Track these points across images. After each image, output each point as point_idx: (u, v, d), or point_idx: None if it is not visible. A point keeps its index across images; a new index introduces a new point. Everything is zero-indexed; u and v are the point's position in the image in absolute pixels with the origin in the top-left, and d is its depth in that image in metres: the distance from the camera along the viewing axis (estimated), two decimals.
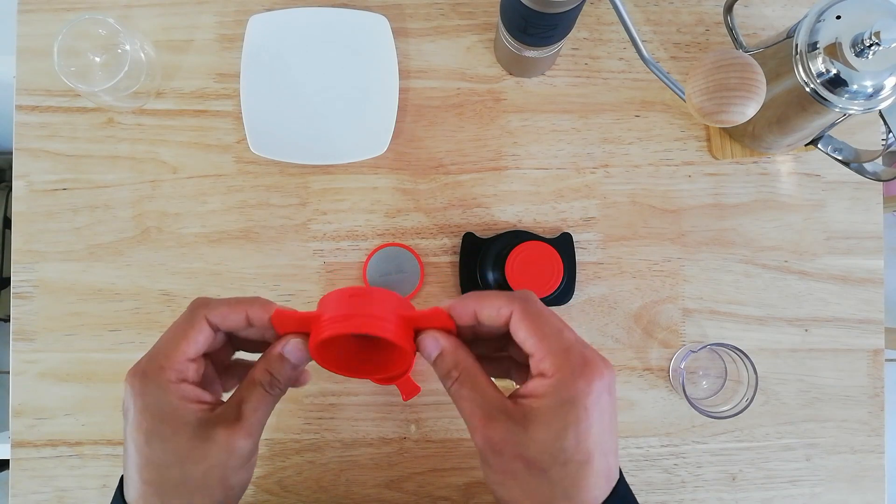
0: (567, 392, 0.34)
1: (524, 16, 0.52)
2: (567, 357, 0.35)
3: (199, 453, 0.36)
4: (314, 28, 0.65)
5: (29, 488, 0.65)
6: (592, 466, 0.34)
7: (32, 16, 0.67)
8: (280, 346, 0.39)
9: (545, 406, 0.34)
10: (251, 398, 0.39)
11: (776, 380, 0.67)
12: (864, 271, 0.67)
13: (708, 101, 0.47)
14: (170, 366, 0.37)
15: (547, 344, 0.35)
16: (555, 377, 0.34)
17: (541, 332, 0.36)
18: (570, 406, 0.34)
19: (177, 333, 0.38)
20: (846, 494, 0.66)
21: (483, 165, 0.67)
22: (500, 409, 0.36)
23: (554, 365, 0.35)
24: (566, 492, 0.34)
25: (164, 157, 0.66)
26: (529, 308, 0.36)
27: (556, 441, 0.34)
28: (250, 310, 0.39)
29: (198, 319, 0.38)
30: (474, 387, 0.37)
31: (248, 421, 0.38)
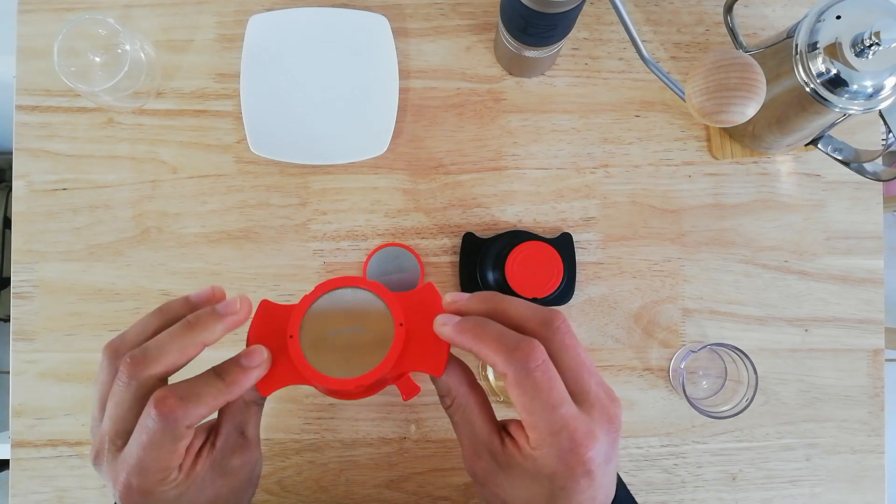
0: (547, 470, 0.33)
1: (524, 16, 0.52)
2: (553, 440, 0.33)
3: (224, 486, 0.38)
4: (314, 28, 0.65)
5: (29, 488, 0.65)
6: None
7: (32, 16, 0.67)
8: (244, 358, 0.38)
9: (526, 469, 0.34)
10: (250, 419, 0.39)
11: (776, 380, 0.67)
12: (864, 271, 0.67)
13: (708, 101, 0.47)
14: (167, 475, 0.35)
15: (535, 419, 0.33)
16: (537, 452, 0.33)
17: (531, 407, 0.33)
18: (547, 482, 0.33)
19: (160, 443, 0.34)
20: (846, 494, 0.66)
21: (483, 165, 0.67)
22: (486, 447, 0.36)
23: (538, 441, 0.33)
24: None
25: (164, 157, 0.66)
26: (524, 380, 0.33)
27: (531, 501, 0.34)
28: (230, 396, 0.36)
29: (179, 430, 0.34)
30: (465, 419, 0.37)
31: (253, 439, 0.40)
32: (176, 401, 0.34)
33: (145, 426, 0.34)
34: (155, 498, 0.35)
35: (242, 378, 0.36)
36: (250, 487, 0.40)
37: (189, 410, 0.34)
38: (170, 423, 0.34)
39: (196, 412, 0.35)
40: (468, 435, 0.36)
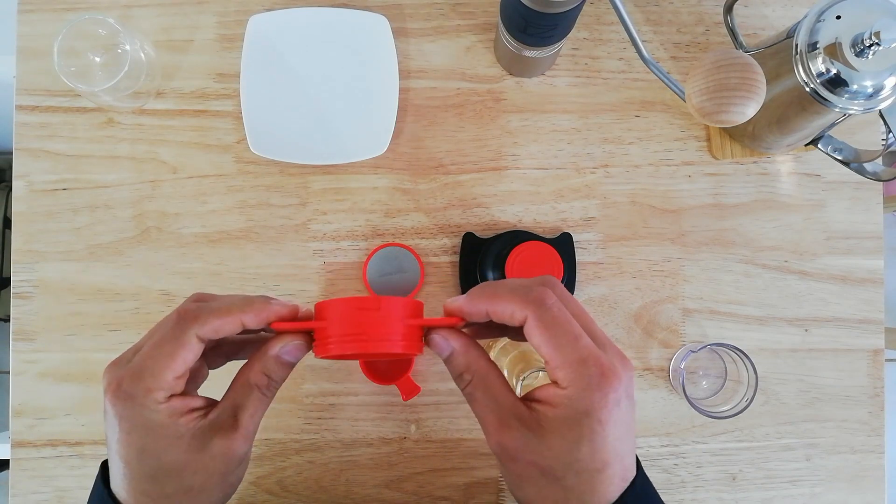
0: (582, 405, 0.33)
1: (524, 16, 0.52)
2: (582, 369, 0.34)
3: (198, 464, 0.35)
4: (314, 28, 0.65)
5: (29, 488, 0.65)
6: (607, 473, 0.34)
7: (32, 16, 0.67)
8: (278, 348, 0.37)
9: (560, 417, 0.34)
10: (248, 404, 0.37)
11: (776, 380, 0.67)
12: (864, 271, 0.67)
13: (708, 101, 0.47)
14: (157, 387, 0.35)
15: (562, 354, 0.34)
16: (569, 389, 0.34)
17: (555, 342, 0.34)
18: (584, 418, 0.33)
19: (163, 351, 0.35)
20: (846, 494, 0.66)
21: (483, 165, 0.67)
22: (514, 414, 0.35)
23: (568, 377, 0.34)
24: (580, 497, 0.34)
25: (164, 157, 0.66)
26: (544, 316, 0.34)
27: (570, 452, 0.33)
28: (246, 317, 0.36)
29: (187, 337, 0.35)
30: (487, 390, 0.36)
31: (244, 428, 0.37)
32: (195, 306, 0.36)
33: (159, 328, 0.36)
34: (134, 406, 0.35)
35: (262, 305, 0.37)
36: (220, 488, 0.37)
37: (203, 317, 0.35)
38: (182, 324, 0.35)
39: (210, 322, 0.35)
40: (492, 408, 0.35)
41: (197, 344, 0.36)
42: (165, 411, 0.35)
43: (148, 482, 0.36)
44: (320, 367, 0.66)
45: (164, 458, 0.35)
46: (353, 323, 0.37)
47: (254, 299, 0.37)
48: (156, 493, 0.36)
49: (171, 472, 0.35)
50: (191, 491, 0.36)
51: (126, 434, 0.35)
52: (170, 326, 0.36)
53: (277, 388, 0.39)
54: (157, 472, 0.35)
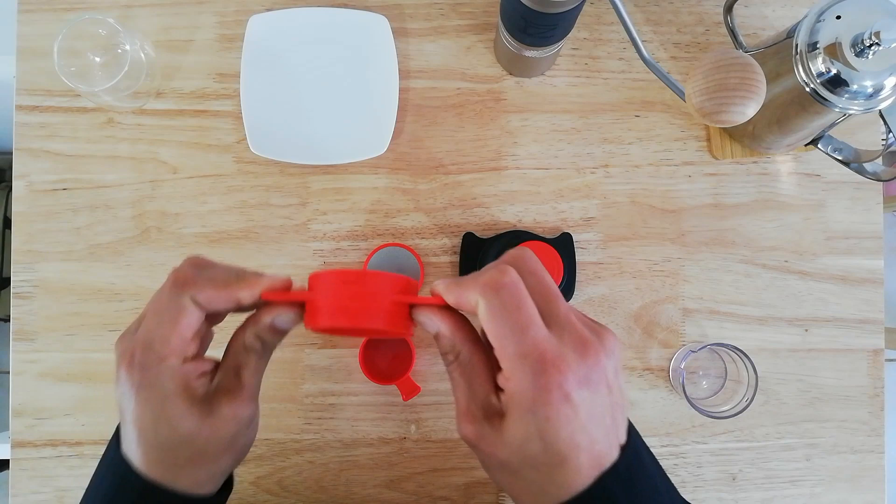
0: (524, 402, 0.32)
1: (524, 16, 0.52)
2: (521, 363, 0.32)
3: (209, 429, 0.36)
4: (314, 28, 0.65)
5: (29, 488, 0.65)
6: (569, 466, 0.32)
7: (32, 16, 0.67)
8: (271, 317, 0.38)
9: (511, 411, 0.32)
10: (248, 365, 0.38)
11: (776, 380, 0.67)
12: (864, 271, 0.67)
13: (708, 101, 0.47)
14: (170, 353, 0.35)
15: (504, 346, 0.32)
16: (511, 383, 0.32)
17: (500, 332, 0.32)
18: (529, 416, 0.32)
19: (166, 317, 0.36)
20: (846, 494, 0.66)
21: (483, 165, 0.67)
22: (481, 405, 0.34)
23: (509, 371, 0.32)
24: (542, 488, 0.33)
25: (164, 157, 0.66)
26: (493, 302, 0.33)
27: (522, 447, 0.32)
28: (241, 294, 0.37)
29: (185, 303, 0.36)
30: (464, 375, 0.35)
31: (249, 388, 0.38)
32: (192, 272, 0.37)
33: (158, 297, 0.36)
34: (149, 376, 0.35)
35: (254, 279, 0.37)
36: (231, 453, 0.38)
37: (199, 283, 0.36)
38: (179, 290, 0.36)
39: (205, 289, 0.36)
40: (464, 392, 0.35)
41: (195, 308, 0.36)
42: (180, 378, 0.35)
43: (163, 451, 0.36)
44: (320, 367, 0.66)
45: (179, 426, 0.35)
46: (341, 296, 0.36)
47: (247, 275, 0.37)
48: (170, 461, 0.36)
49: (185, 439, 0.36)
50: (204, 456, 0.37)
51: (141, 404, 0.35)
52: (166, 293, 0.36)
53: (271, 352, 0.39)
54: (172, 440, 0.36)
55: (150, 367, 0.35)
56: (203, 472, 0.38)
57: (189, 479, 0.37)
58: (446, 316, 0.36)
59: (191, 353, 0.36)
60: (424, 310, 0.36)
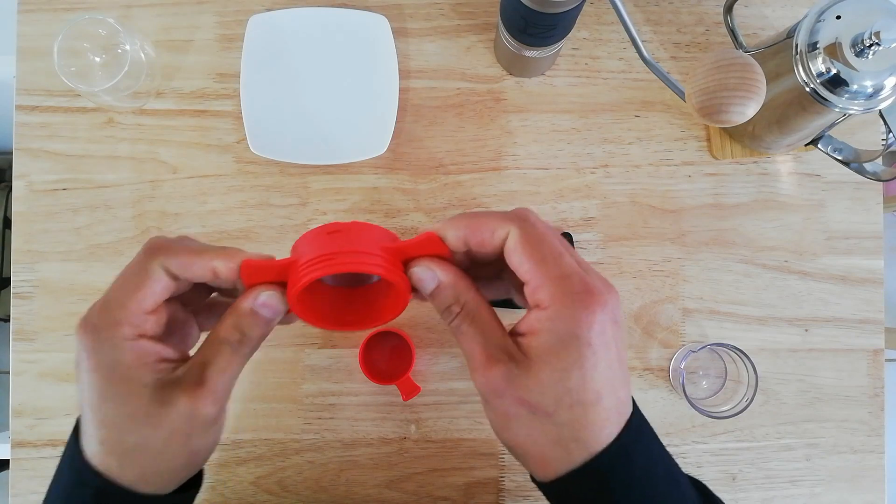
0: (567, 325, 0.30)
1: (524, 16, 0.52)
2: (565, 284, 0.31)
3: (157, 419, 0.32)
4: (314, 28, 0.65)
5: (29, 488, 0.65)
6: (602, 405, 0.31)
7: (32, 16, 0.67)
8: (251, 300, 0.34)
9: (545, 344, 0.31)
10: (217, 360, 0.33)
11: (776, 380, 0.67)
12: (864, 271, 0.67)
13: (708, 101, 0.47)
14: (125, 320, 0.32)
15: (544, 270, 0.31)
16: (551, 308, 0.31)
17: (538, 256, 0.31)
18: (572, 341, 0.30)
19: (130, 282, 0.33)
20: (846, 494, 0.66)
21: (483, 165, 0.67)
22: (502, 348, 0.32)
23: (550, 294, 0.31)
24: (574, 433, 0.31)
25: (164, 157, 0.66)
26: (528, 229, 0.32)
27: (560, 382, 0.30)
28: (216, 261, 0.33)
29: (153, 268, 0.33)
30: (475, 323, 0.33)
31: (212, 386, 0.33)
32: (163, 240, 0.34)
33: (128, 264, 0.34)
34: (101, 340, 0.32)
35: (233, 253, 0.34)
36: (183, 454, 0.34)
37: (173, 250, 0.34)
38: (149, 254, 0.33)
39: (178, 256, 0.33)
40: (480, 341, 0.32)
41: (165, 276, 0.33)
42: (132, 351, 0.32)
43: (106, 429, 0.33)
44: (320, 368, 0.66)
45: (125, 405, 0.32)
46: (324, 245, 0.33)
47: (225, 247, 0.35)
48: (112, 443, 0.33)
49: (130, 423, 0.32)
50: (148, 450, 0.33)
51: (90, 373, 0.33)
52: (137, 258, 0.34)
53: (253, 345, 0.35)
54: (117, 419, 0.33)
55: (102, 329, 0.32)
56: (149, 466, 0.34)
57: (134, 471, 0.34)
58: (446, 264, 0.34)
59: (150, 329, 0.33)
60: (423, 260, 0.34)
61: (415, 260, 0.34)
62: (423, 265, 0.33)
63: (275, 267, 0.34)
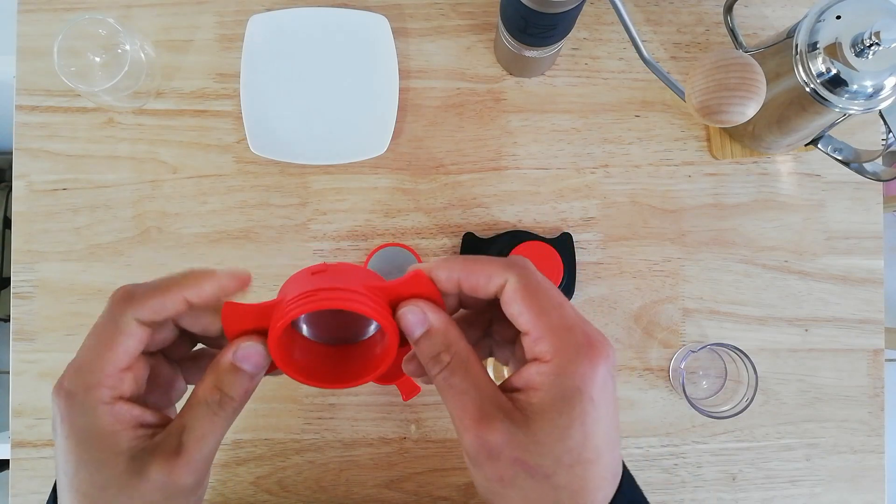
0: (570, 379, 0.29)
1: (524, 16, 0.52)
2: (568, 337, 0.29)
3: (131, 490, 0.30)
4: (314, 28, 0.65)
5: (29, 488, 0.65)
6: (600, 464, 0.30)
7: (32, 16, 0.67)
8: (230, 353, 0.31)
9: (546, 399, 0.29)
10: (195, 424, 0.31)
11: (776, 380, 0.67)
12: (864, 271, 0.67)
13: (708, 101, 0.47)
14: (98, 382, 0.30)
15: (546, 321, 0.30)
16: (554, 361, 0.29)
17: (538, 307, 0.30)
18: (575, 397, 0.29)
19: (101, 340, 0.31)
20: (846, 494, 0.66)
21: (483, 165, 0.67)
22: (497, 405, 0.30)
23: (553, 346, 0.29)
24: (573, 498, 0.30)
25: (164, 157, 0.66)
26: (527, 279, 0.30)
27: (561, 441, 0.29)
28: (186, 292, 0.31)
29: (124, 321, 0.31)
30: (467, 376, 0.30)
31: (189, 455, 0.30)
32: (128, 288, 0.32)
33: (97, 321, 0.32)
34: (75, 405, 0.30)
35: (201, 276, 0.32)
36: None
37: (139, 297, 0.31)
38: (117, 309, 0.31)
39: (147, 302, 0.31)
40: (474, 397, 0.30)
41: (138, 328, 0.31)
42: (108, 416, 0.30)
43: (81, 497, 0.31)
44: None
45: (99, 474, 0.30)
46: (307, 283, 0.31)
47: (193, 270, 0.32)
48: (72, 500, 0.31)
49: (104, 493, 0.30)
50: None
51: (65, 439, 0.31)
52: (105, 312, 0.32)
53: (236, 406, 0.31)
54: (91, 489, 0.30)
55: (76, 394, 0.31)
56: None
57: None
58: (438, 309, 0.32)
59: (127, 389, 0.31)
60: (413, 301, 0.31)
61: (404, 301, 0.32)
62: (413, 305, 0.31)
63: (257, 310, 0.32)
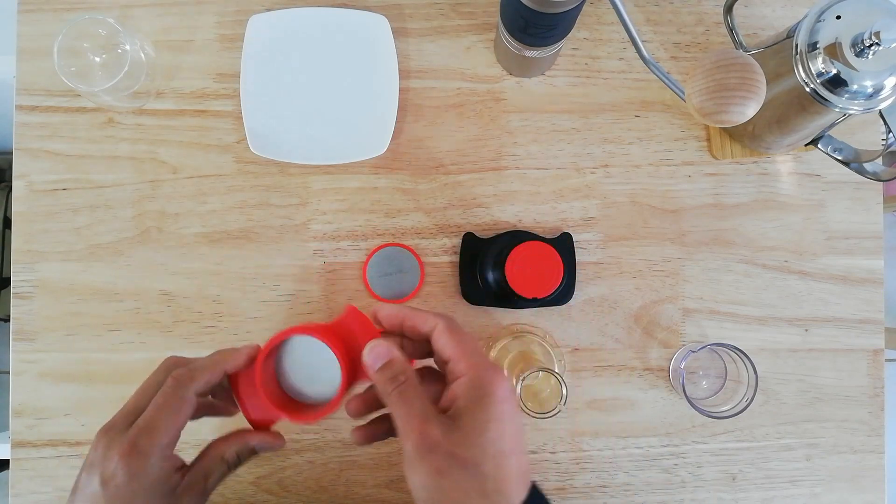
0: (483, 386, 0.38)
1: (524, 16, 0.52)
2: (477, 359, 0.40)
3: None
4: (314, 28, 0.65)
5: (29, 488, 0.65)
6: (516, 458, 0.38)
7: (32, 16, 0.67)
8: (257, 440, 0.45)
9: (468, 402, 0.38)
10: (215, 474, 0.44)
11: (776, 380, 0.67)
12: (864, 271, 0.67)
13: (708, 101, 0.47)
14: (168, 442, 0.41)
15: (463, 349, 0.40)
16: (469, 375, 0.39)
17: (458, 340, 0.41)
18: (487, 398, 0.38)
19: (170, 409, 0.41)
20: (846, 494, 0.66)
21: (483, 165, 0.67)
22: (434, 412, 0.39)
23: (468, 365, 0.39)
24: (497, 486, 0.37)
25: (164, 157, 0.66)
26: (451, 324, 0.41)
27: (483, 434, 0.37)
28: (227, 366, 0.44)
29: (188, 395, 0.42)
30: (416, 391, 0.40)
31: (208, 493, 0.44)
32: (186, 370, 0.43)
33: (162, 391, 0.42)
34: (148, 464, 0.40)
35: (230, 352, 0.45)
36: None
37: (198, 375, 0.43)
38: (181, 384, 0.42)
39: (202, 378, 0.43)
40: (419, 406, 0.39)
41: (194, 398, 0.42)
42: (167, 466, 0.41)
43: None
44: None
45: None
46: None
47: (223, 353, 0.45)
48: None
49: None
50: None
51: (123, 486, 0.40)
52: (171, 388, 0.42)
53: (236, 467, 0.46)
54: None
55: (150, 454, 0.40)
56: None
57: None
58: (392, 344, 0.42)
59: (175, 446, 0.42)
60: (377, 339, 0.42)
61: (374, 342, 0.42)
62: (381, 343, 0.41)
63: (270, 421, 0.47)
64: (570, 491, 0.66)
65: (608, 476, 0.66)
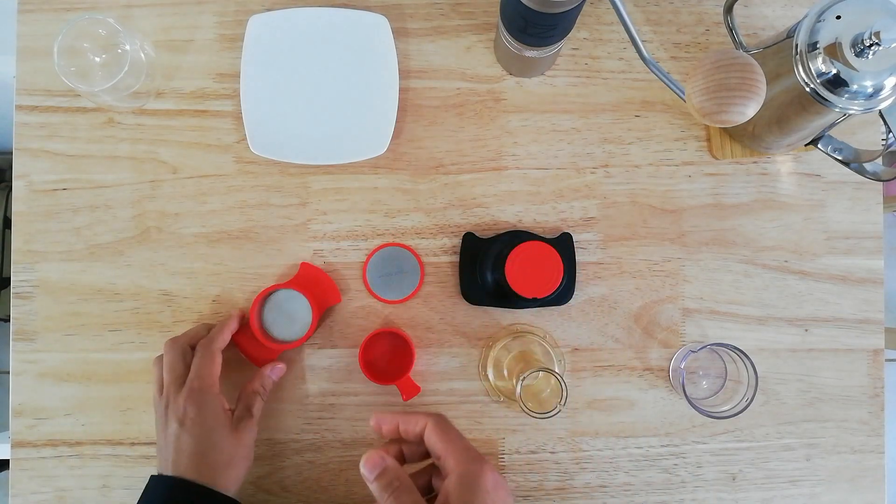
0: (469, 480, 0.42)
1: (524, 16, 0.52)
2: (465, 454, 0.44)
3: (231, 443, 0.57)
4: (314, 28, 0.65)
5: (29, 488, 0.65)
6: None
7: (32, 16, 0.67)
8: (269, 370, 0.63)
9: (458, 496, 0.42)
10: (255, 403, 0.61)
11: (776, 380, 0.67)
12: (864, 271, 0.67)
13: (708, 101, 0.47)
14: (215, 384, 0.58)
15: (450, 445, 0.44)
16: (457, 470, 0.43)
17: (446, 437, 0.45)
18: (475, 493, 0.42)
19: (209, 362, 0.58)
20: (846, 494, 0.66)
21: (483, 165, 0.67)
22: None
23: (457, 460, 0.44)
24: None
25: (164, 157, 0.66)
26: (440, 422, 0.46)
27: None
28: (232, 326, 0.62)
29: (217, 353, 0.59)
30: (411, 494, 0.44)
31: (256, 417, 0.60)
32: (207, 339, 0.61)
33: (197, 353, 0.59)
34: (207, 395, 0.57)
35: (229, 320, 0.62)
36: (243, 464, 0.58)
37: (215, 339, 0.60)
38: (210, 345, 0.60)
39: (218, 341, 0.60)
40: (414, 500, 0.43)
41: (220, 354, 0.60)
42: (221, 402, 0.58)
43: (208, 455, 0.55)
44: (320, 368, 0.66)
45: (223, 439, 0.56)
46: None
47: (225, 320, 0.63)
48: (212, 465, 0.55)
49: (216, 447, 0.56)
50: (232, 463, 0.56)
51: (199, 415, 0.56)
52: (203, 349, 0.59)
53: (267, 395, 0.63)
54: (216, 447, 0.56)
55: (206, 392, 0.57)
56: (232, 475, 0.56)
57: (223, 480, 0.55)
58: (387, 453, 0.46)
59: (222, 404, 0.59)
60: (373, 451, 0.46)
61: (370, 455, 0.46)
62: (372, 453, 0.46)
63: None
64: (570, 491, 0.66)
65: (608, 476, 0.66)
